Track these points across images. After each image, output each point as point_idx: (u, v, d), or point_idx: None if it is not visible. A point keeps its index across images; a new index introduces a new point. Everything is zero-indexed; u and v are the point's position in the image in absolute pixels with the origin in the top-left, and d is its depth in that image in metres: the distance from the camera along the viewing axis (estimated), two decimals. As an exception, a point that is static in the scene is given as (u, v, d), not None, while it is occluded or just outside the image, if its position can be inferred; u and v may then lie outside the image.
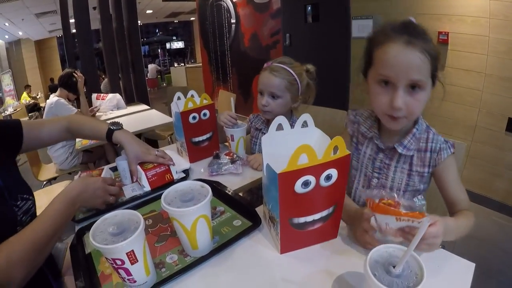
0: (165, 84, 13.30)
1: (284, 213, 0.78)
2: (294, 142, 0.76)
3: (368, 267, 0.58)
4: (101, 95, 3.57)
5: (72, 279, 0.78)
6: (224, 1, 5.31)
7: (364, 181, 1.03)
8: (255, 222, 0.94)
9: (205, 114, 1.39)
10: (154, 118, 2.99)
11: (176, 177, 1.26)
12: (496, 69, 2.41)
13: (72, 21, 5.47)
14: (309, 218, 0.81)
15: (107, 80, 5.00)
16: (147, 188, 1.18)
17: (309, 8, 3.75)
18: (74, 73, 3.08)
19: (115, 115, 3.27)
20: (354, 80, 3.50)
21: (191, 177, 1.31)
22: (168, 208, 0.74)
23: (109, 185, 1.08)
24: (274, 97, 1.38)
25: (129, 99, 4.59)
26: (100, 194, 1.03)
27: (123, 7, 4.59)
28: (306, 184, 0.74)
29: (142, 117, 3.12)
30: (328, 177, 0.76)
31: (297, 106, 1.44)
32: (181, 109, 1.33)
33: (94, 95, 3.57)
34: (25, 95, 9.36)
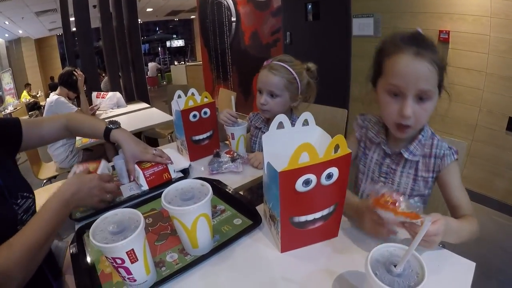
0: (165, 83, 13.29)
1: (285, 212, 0.78)
2: (295, 141, 0.76)
3: (369, 266, 0.58)
4: (101, 93, 3.57)
5: (73, 278, 0.78)
6: (224, -1, 5.31)
7: (370, 184, 1.04)
8: (255, 220, 0.94)
9: (205, 113, 1.39)
10: (154, 117, 2.98)
11: (174, 176, 1.26)
12: (497, 68, 2.41)
13: (72, 19, 5.46)
14: (310, 217, 0.81)
15: (107, 79, 4.99)
16: (145, 187, 1.18)
17: (309, 6, 3.75)
18: (74, 72, 3.07)
19: (115, 113, 3.26)
20: (355, 79, 3.50)
21: (192, 175, 1.31)
22: (168, 207, 0.74)
23: (106, 182, 1.05)
24: (273, 95, 1.37)
25: (129, 98, 4.57)
26: (96, 193, 0.99)
27: (123, 5, 4.58)
28: (307, 182, 0.74)
29: (142, 116, 3.12)
30: (329, 176, 0.75)
31: (296, 105, 1.43)
32: (182, 107, 1.33)
33: (94, 94, 3.57)
34: (25, 93, 9.35)
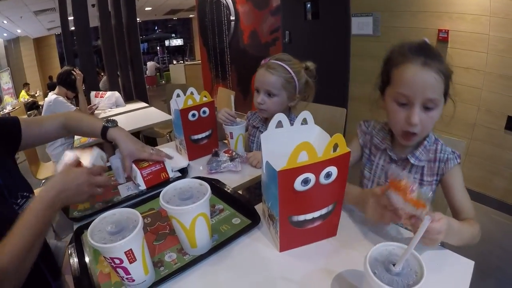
0: (164, 82, 13.27)
1: (284, 211, 0.78)
2: (293, 140, 0.76)
3: (368, 265, 0.58)
4: (100, 93, 3.56)
5: (72, 278, 0.78)
6: (223, -2, 5.30)
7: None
8: (254, 220, 0.94)
9: (204, 112, 1.39)
10: (153, 116, 2.97)
11: (172, 175, 1.26)
12: (495, 67, 2.41)
13: (71, 18, 5.44)
14: (309, 216, 0.81)
15: (105, 78, 4.98)
16: (143, 187, 1.18)
17: (308, 5, 3.74)
18: (72, 71, 3.06)
19: (113, 113, 3.25)
20: (353, 78, 3.51)
21: (190, 175, 1.30)
22: (166, 207, 0.74)
23: (97, 175, 0.96)
24: (270, 95, 1.36)
25: (128, 97, 4.57)
26: (85, 189, 0.90)
27: (122, 4, 4.57)
28: (305, 181, 0.74)
29: (141, 115, 3.11)
30: (328, 175, 0.75)
31: (294, 104, 1.42)
32: (181, 106, 1.33)
33: (92, 93, 3.55)
34: (23, 93, 9.33)
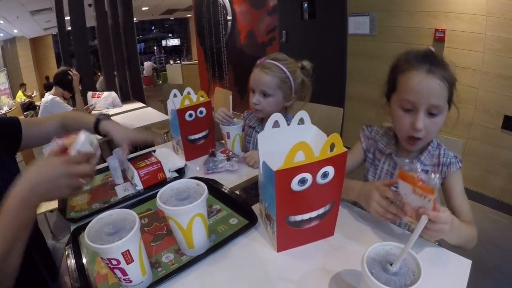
0: (161, 82, 13.24)
1: (281, 211, 0.78)
2: (290, 140, 0.76)
3: (365, 265, 0.58)
4: (97, 93, 3.55)
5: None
6: (220, -2, 5.29)
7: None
8: (251, 220, 0.94)
9: (201, 112, 1.38)
10: (150, 116, 2.97)
11: (169, 175, 1.26)
12: (492, 66, 2.42)
13: (67, 18, 5.43)
14: (306, 216, 0.81)
15: (102, 78, 4.96)
16: (140, 187, 1.18)
17: (305, 5, 3.75)
18: (69, 71, 3.05)
19: (110, 113, 3.23)
20: (351, 77, 3.51)
21: (187, 175, 1.30)
22: (163, 207, 0.74)
23: (78, 163, 0.81)
24: (265, 95, 1.35)
25: (124, 97, 4.56)
26: (65, 182, 0.77)
27: (118, 4, 4.55)
28: (302, 181, 0.73)
29: (137, 115, 3.10)
30: (325, 175, 0.75)
31: (290, 104, 1.41)
32: (177, 106, 1.32)
33: (89, 93, 3.54)
34: (20, 93, 9.27)
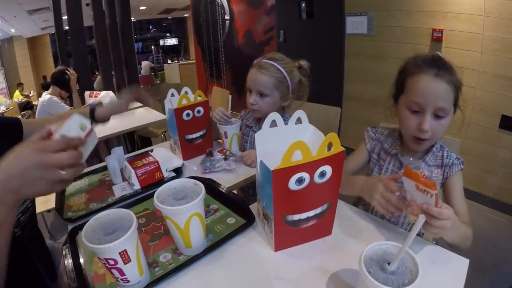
0: (158, 81, 13.20)
1: (278, 211, 0.77)
2: (288, 139, 0.76)
3: (363, 264, 0.58)
4: (94, 92, 3.52)
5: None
6: (218, -2, 5.28)
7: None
8: (249, 219, 0.94)
9: (199, 111, 1.38)
10: (147, 116, 2.96)
11: (166, 175, 1.26)
12: (489, 66, 2.42)
13: (65, 18, 5.40)
14: (304, 215, 0.81)
15: (100, 78, 4.95)
16: (137, 187, 1.18)
17: (303, 5, 3.74)
18: (66, 71, 3.04)
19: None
20: (348, 76, 3.51)
21: (185, 174, 1.30)
22: (161, 207, 0.74)
23: (58, 150, 0.63)
24: (262, 95, 1.34)
25: (122, 97, 4.55)
26: (39, 175, 0.61)
27: (116, 3, 4.55)
28: (300, 181, 0.73)
29: (135, 115, 3.08)
30: (323, 174, 0.75)
31: (287, 104, 1.41)
32: (175, 105, 1.32)
33: (87, 93, 3.52)
34: (17, 93, 9.25)
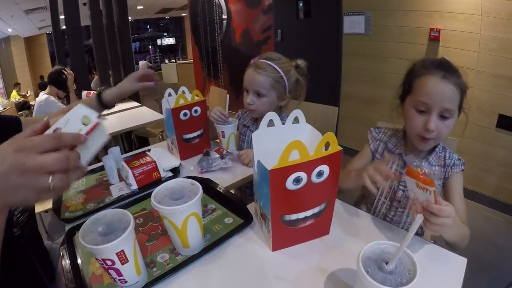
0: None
1: (276, 210, 0.77)
2: (285, 138, 0.76)
3: (360, 263, 0.58)
4: (91, 92, 3.50)
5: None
6: (215, -3, 5.27)
7: (388, 193, 1.11)
8: (246, 219, 0.94)
9: (196, 111, 1.37)
10: (144, 115, 2.95)
11: (164, 175, 1.25)
12: (487, 66, 2.43)
13: (62, 17, 5.39)
14: (301, 215, 0.81)
15: (97, 78, 4.93)
16: (134, 187, 1.17)
17: (300, 4, 3.74)
18: (63, 70, 3.03)
19: (105, 112, 3.21)
20: (346, 76, 3.51)
21: (182, 174, 1.30)
22: (158, 207, 0.73)
23: (41, 150, 0.50)
24: (259, 95, 1.34)
25: (119, 96, 4.53)
26: (21, 181, 0.48)
27: (113, 2, 4.52)
28: (297, 180, 0.73)
29: (132, 114, 3.08)
30: (320, 174, 0.75)
31: (285, 104, 1.41)
32: (172, 105, 1.32)
33: (84, 93, 3.50)
34: (14, 93, 9.22)
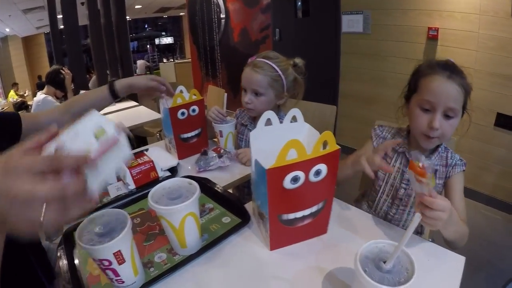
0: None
1: (273, 210, 0.77)
2: (283, 137, 0.75)
3: (358, 263, 0.58)
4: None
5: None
6: (214, -4, 5.26)
7: (390, 190, 1.12)
8: (244, 219, 0.94)
9: (194, 110, 1.37)
10: (142, 115, 2.95)
11: (161, 174, 1.25)
12: (485, 64, 2.43)
13: (59, 17, 5.38)
14: (299, 214, 0.81)
15: (95, 78, 4.92)
16: (132, 187, 1.17)
17: (299, 3, 3.73)
18: (61, 70, 3.02)
19: (103, 112, 3.21)
20: (344, 75, 3.51)
21: (180, 174, 1.29)
22: (155, 206, 0.73)
23: (30, 177, 0.43)
24: (257, 94, 1.34)
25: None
26: (12, 210, 0.42)
27: (111, 2, 4.51)
28: (295, 179, 0.73)
29: (130, 114, 3.08)
30: (318, 173, 0.75)
31: (283, 103, 1.40)
32: (170, 105, 1.31)
33: (82, 92, 3.52)
34: (12, 93, 9.20)
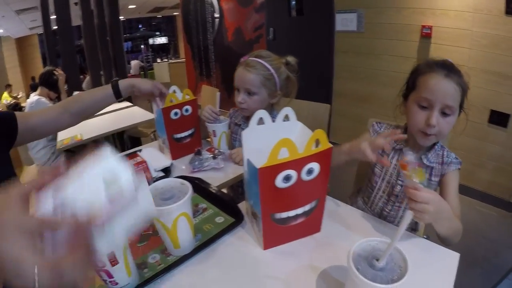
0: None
1: (266, 209, 0.77)
2: (275, 136, 0.75)
3: (351, 261, 0.58)
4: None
5: None
6: (207, -5, 5.25)
7: (386, 187, 1.12)
8: (237, 218, 0.94)
9: (187, 110, 1.36)
10: (136, 115, 2.94)
11: (155, 175, 1.24)
12: (478, 62, 2.44)
13: (53, 17, 5.35)
14: (292, 213, 0.80)
15: (89, 78, 4.90)
16: None
17: (293, 2, 3.74)
18: (54, 71, 3.00)
19: (99, 112, 3.19)
20: (338, 74, 3.52)
21: (173, 174, 1.29)
22: (147, 207, 0.72)
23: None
24: (250, 93, 1.34)
25: (112, 97, 4.50)
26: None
27: (105, 2, 4.51)
28: (287, 178, 0.73)
29: (124, 114, 3.07)
30: (310, 171, 0.75)
31: (276, 101, 1.40)
32: (163, 105, 1.30)
33: (75, 93, 3.50)
34: (6, 95, 9.15)
